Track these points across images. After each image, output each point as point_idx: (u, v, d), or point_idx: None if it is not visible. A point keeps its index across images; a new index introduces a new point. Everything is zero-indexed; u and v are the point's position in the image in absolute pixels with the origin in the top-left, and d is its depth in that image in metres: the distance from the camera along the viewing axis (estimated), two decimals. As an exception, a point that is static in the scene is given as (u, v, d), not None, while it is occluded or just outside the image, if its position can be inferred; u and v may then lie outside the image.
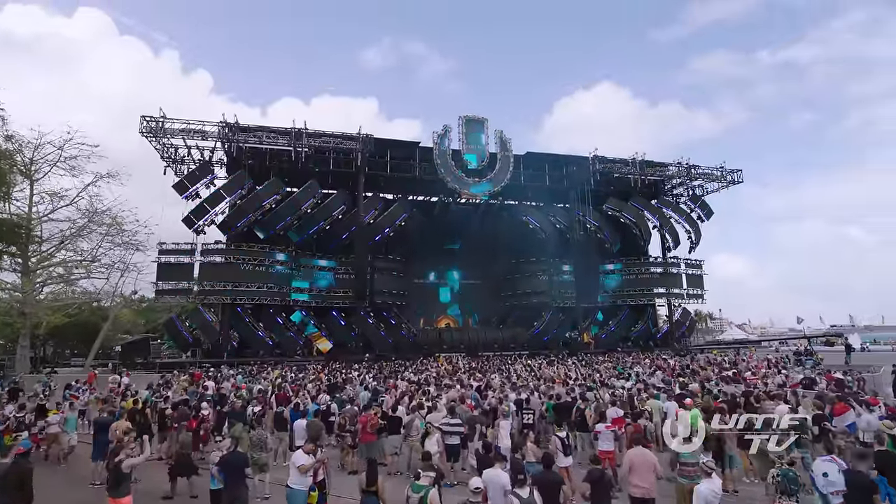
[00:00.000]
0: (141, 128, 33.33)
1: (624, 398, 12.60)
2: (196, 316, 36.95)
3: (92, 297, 34.92)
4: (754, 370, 19.56)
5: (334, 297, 40.51)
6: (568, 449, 8.20)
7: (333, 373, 23.91)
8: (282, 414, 11.19)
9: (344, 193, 40.37)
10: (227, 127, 35.34)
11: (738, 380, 17.06)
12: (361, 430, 9.95)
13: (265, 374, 21.92)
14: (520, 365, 25.79)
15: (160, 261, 35.07)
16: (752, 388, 13.61)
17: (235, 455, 7.15)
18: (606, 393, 13.46)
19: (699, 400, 11.97)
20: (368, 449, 9.72)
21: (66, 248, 28.88)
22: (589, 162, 43.76)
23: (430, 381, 17.50)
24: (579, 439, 10.59)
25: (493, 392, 14.09)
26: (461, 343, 40.65)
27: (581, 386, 15.07)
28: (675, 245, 46.84)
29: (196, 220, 35.61)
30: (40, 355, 41.90)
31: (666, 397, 12.68)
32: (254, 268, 36.97)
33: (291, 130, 36.49)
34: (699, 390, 13.78)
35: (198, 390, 16.85)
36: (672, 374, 20.27)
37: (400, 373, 22.55)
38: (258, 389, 16.25)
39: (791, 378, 16.94)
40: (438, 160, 40.37)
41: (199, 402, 12.86)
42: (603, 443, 9.02)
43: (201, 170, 37.01)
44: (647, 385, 16.01)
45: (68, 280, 31.24)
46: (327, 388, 15.65)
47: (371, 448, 9.75)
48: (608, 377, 18.87)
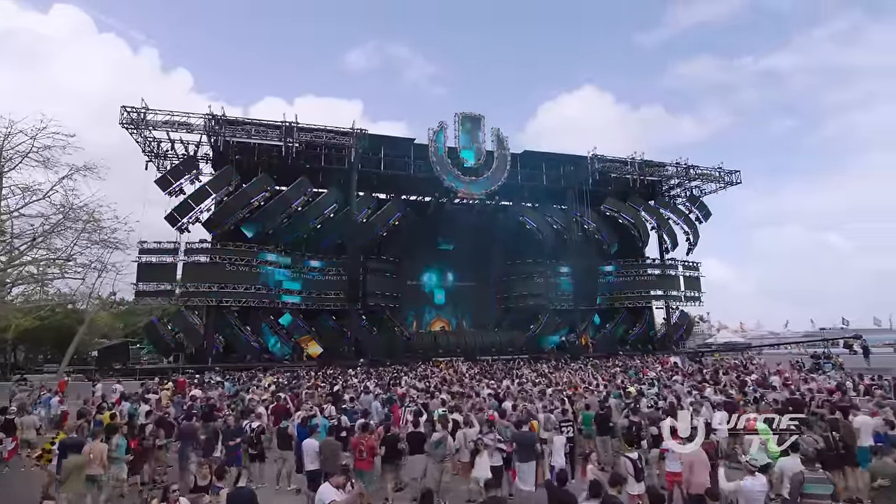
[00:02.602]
0: (122, 118, 31.34)
1: (666, 407, 11.36)
2: (179, 319, 34.99)
3: (66, 299, 32.73)
4: (779, 374, 18.52)
5: (325, 298, 38.84)
6: (641, 473, 6.89)
7: (329, 379, 22.35)
8: (285, 430, 9.70)
9: (336, 191, 38.80)
10: (213, 120, 33.53)
11: (766, 385, 16.02)
12: (355, 455, 8.40)
13: (256, 382, 20.26)
14: (527, 370, 24.51)
15: (141, 260, 33.08)
16: (799, 395, 12.49)
17: (241, 491, 5.70)
18: (643, 400, 12.20)
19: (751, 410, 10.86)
20: (364, 478, 8.15)
21: (38, 247, 26.78)
22: (587, 161, 42.85)
23: (439, 388, 16.09)
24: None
25: (513, 400, 12.79)
26: (457, 347, 39.24)
27: (606, 394, 13.85)
28: (673, 246, 46.26)
29: (180, 218, 33.71)
30: (10, 361, 39.46)
31: (709, 406, 11.46)
32: (241, 268, 35.18)
33: (282, 125, 34.84)
34: (740, 398, 12.65)
35: (184, 401, 15.20)
36: (689, 377, 19.13)
37: (401, 379, 21.07)
38: (250, 399, 14.71)
39: (821, 383, 15.92)
40: (434, 157, 39.09)
41: (187, 417, 11.31)
42: (672, 463, 7.72)
43: (186, 164, 35.15)
44: (676, 393, 14.84)
45: (41, 280, 29.06)
46: (331, 397, 14.15)
47: (365, 477, 8.20)
48: (629, 383, 17.63)
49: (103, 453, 8.06)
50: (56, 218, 27.12)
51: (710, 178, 45.08)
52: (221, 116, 33.70)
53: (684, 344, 47.82)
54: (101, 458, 8.00)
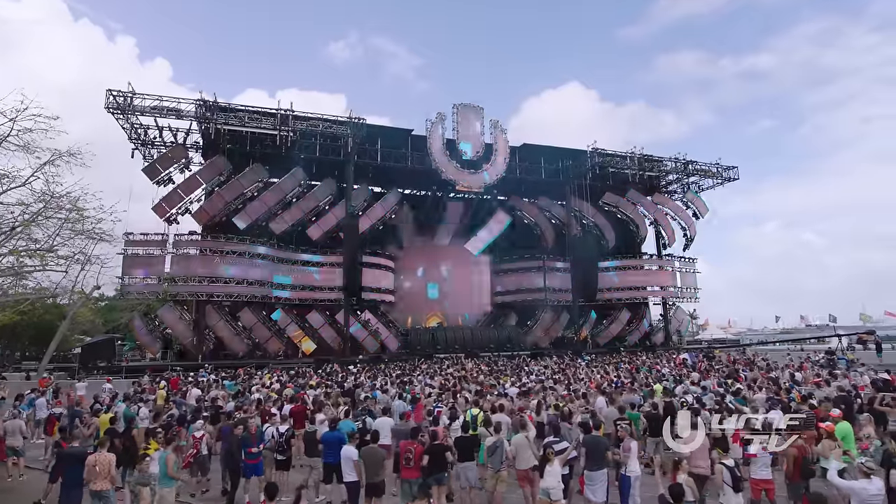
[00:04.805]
0: (107, 103, 29.59)
1: (714, 407, 10.63)
2: (166, 314, 33.46)
3: (47, 293, 30.91)
4: (801, 371, 18.03)
5: (318, 293, 37.58)
6: (739, 482, 6.07)
7: (333, 377, 21.32)
8: (313, 434, 8.69)
9: (331, 183, 37.54)
10: (204, 106, 31.94)
11: (796, 382, 15.48)
12: (401, 463, 7.47)
13: (258, 380, 19.10)
14: (537, 366, 23.75)
15: (126, 252, 31.46)
16: (849, 392, 11.89)
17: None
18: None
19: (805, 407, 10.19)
20: (410, 489, 7.22)
21: (17, 237, 25.05)
22: (587, 155, 42.20)
23: (458, 386, 15.18)
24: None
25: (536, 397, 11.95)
26: (455, 343, 38.36)
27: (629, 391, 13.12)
28: (670, 242, 45.98)
29: (168, 209, 32.16)
30: (-15, 358, 37.50)
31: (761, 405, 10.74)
32: (232, 261, 33.74)
33: (277, 112, 33.40)
34: (785, 396, 12.00)
35: (184, 401, 14.05)
36: (706, 374, 18.51)
37: (409, 376, 20.09)
38: (254, 399, 13.64)
39: (853, 379, 15.41)
40: (432, 149, 38.03)
41: (193, 420, 10.23)
42: (760, 469, 6.93)
43: (175, 152, 33.53)
44: (704, 390, 14.19)
45: (19, 273, 27.31)
46: (348, 397, 13.15)
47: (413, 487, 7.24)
48: (649, 380, 16.96)
49: (111, 465, 6.98)
50: (37, 206, 25.48)
51: (708, 174, 44.82)
52: (213, 102, 32.13)
53: (681, 340, 47.69)
54: (108, 471, 6.92)
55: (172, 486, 7.21)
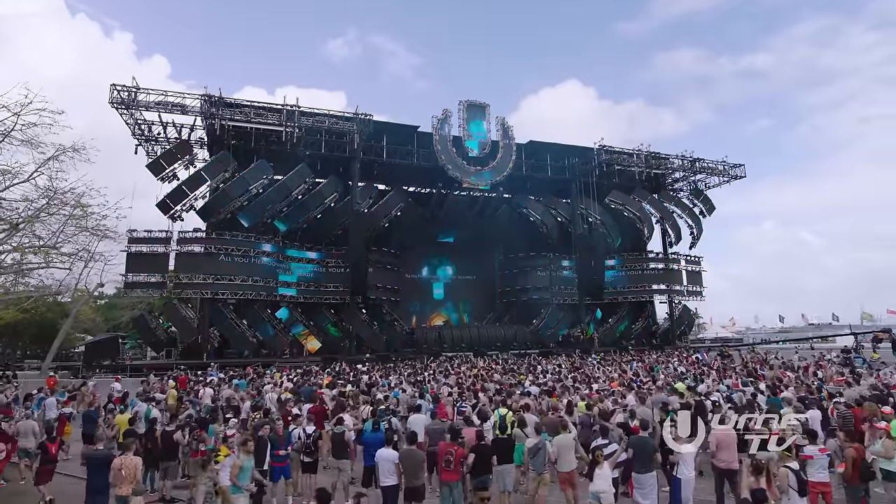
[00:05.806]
0: (111, 98, 29.16)
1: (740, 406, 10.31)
2: (171, 312, 33.08)
3: (49, 291, 30.51)
4: (821, 369, 17.75)
5: (324, 291, 37.22)
6: (804, 487, 5.75)
7: (340, 375, 20.95)
8: (341, 435, 8.36)
9: (336, 180, 37.13)
10: (209, 101, 31.53)
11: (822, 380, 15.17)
12: (440, 464, 7.18)
13: (269, 379, 18.73)
14: (550, 365, 23.42)
15: (130, 250, 31.03)
16: (884, 392, 11.57)
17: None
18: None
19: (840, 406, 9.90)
20: (451, 492, 7.01)
21: (20, 233, 24.62)
22: (594, 153, 41.90)
23: (479, 385, 14.84)
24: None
25: (565, 397, 11.63)
26: (461, 342, 38.04)
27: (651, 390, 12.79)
28: (676, 240, 45.70)
29: (173, 205, 31.75)
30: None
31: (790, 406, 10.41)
32: (237, 259, 33.37)
33: (283, 108, 32.99)
34: (818, 395, 11.69)
35: (197, 400, 13.70)
36: (724, 373, 18.18)
37: (422, 374, 19.76)
38: (274, 399, 13.31)
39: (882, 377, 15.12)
40: (438, 146, 37.67)
41: (213, 421, 9.86)
42: (817, 471, 6.61)
43: (180, 148, 33.12)
44: (729, 389, 13.89)
45: (21, 271, 26.88)
46: (367, 396, 12.80)
47: (452, 490, 7.04)
48: (669, 379, 16.63)
49: (137, 469, 6.64)
50: (40, 203, 25.04)
51: (715, 172, 44.56)
52: (218, 98, 31.74)
53: (687, 339, 47.47)
54: (134, 475, 6.59)
55: (241, 492, 6.74)
